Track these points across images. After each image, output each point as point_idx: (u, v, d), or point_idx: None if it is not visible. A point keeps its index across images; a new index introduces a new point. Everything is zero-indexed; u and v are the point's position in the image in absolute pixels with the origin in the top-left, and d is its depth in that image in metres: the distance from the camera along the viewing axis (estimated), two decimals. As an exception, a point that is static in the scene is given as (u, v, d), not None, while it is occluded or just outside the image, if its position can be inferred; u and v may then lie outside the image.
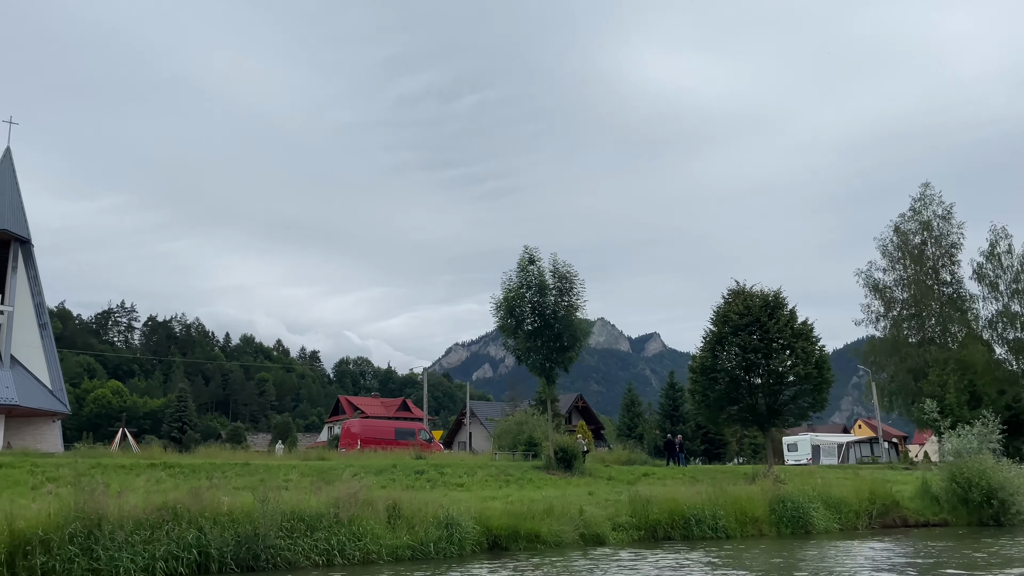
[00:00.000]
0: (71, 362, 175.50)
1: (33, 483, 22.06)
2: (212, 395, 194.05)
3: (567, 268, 34.29)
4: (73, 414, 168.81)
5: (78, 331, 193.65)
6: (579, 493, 24.39)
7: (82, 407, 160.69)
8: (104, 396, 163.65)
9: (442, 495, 22.23)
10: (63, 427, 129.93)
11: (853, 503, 25.15)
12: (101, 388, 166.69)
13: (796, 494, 23.85)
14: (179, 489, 19.24)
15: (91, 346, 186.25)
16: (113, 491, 17.91)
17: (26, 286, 60.56)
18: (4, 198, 61.01)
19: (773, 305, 34.67)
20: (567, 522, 19.14)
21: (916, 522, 26.25)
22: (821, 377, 33.53)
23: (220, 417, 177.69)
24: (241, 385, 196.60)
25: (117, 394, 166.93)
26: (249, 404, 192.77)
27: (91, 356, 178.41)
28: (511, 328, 33.97)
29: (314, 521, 15.83)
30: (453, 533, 17.12)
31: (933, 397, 51.10)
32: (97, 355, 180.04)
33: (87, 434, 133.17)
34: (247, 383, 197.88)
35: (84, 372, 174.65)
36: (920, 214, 59.43)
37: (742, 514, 22.34)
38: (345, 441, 43.52)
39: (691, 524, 21.27)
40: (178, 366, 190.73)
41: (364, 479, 26.41)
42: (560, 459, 32.50)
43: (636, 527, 20.87)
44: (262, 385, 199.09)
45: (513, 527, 18.34)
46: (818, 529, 23.33)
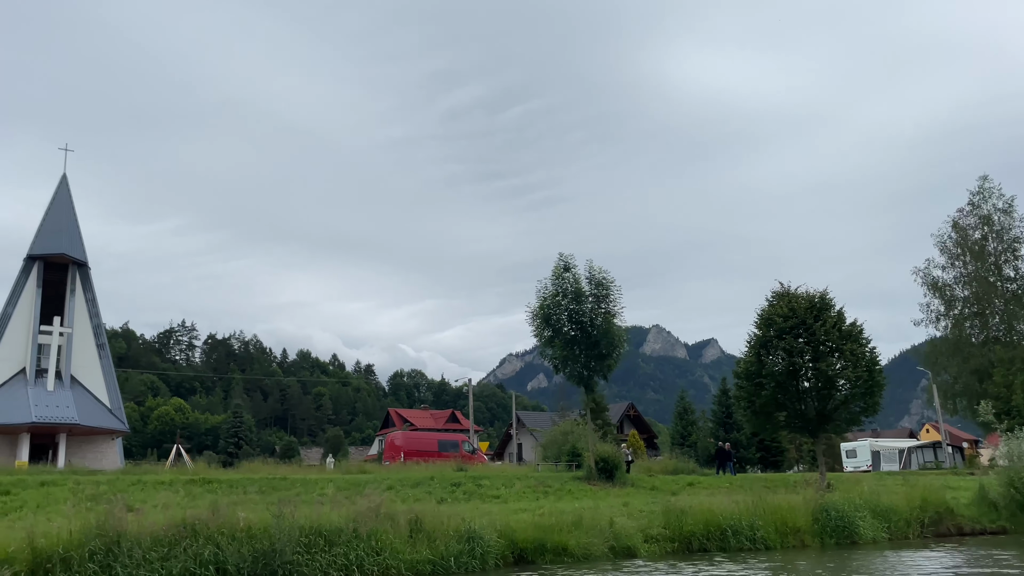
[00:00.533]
0: (135, 381, 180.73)
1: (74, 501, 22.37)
2: (271, 410, 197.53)
3: (603, 274, 33.77)
4: (138, 431, 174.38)
5: (142, 351, 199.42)
6: (615, 504, 23.78)
7: (146, 424, 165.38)
8: (167, 413, 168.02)
9: (474, 507, 21.88)
10: (127, 444, 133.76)
11: (903, 511, 23.94)
12: (164, 406, 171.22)
13: (841, 502, 22.83)
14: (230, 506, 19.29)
15: (154, 365, 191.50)
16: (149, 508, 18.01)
17: (84, 308, 62.32)
18: (62, 223, 63.01)
19: (819, 306, 33.42)
20: (596, 534, 18.58)
21: (972, 530, 24.88)
22: (872, 380, 32.12)
23: (279, 432, 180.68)
24: (298, 400, 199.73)
25: (180, 411, 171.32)
26: (307, 419, 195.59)
27: (154, 375, 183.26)
28: (548, 338, 33.57)
29: (333, 536, 15.62)
30: (475, 547, 16.72)
31: (998, 398, 49.02)
32: (160, 374, 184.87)
33: (151, 451, 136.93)
34: (304, 398, 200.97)
35: (148, 390, 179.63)
36: (979, 208, 57.15)
37: (782, 524, 21.43)
38: (389, 454, 43.52)
39: (727, 535, 20.46)
40: (237, 382, 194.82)
41: (399, 492, 26.31)
42: (601, 469, 31.91)
43: (670, 539, 20.16)
44: (319, 399, 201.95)
45: (540, 540, 17.87)
46: (865, 539, 22.25)
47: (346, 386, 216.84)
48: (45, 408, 55.68)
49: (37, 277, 59.95)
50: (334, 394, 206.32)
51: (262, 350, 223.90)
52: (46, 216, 62.64)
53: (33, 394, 56.59)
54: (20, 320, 59.18)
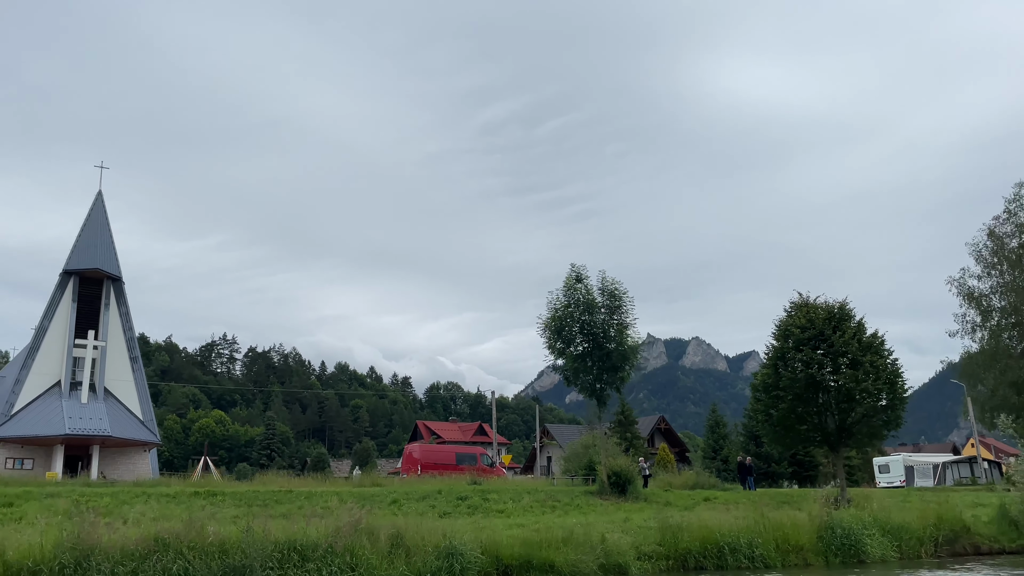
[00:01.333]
0: (177, 393, 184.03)
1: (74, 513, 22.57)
2: (309, 422, 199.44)
3: (615, 285, 33.32)
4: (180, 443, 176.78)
5: (184, 364, 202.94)
6: (616, 520, 23.25)
7: (188, 436, 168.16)
8: (208, 425, 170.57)
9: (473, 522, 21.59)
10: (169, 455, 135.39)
11: (916, 529, 22.96)
12: (205, 418, 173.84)
13: (849, 520, 21.98)
14: (214, 518, 19.27)
15: (196, 378, 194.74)
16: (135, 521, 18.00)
17: (118, 322, 63.50)
18: (97, 239, 64.44)
19: (839, 317, 32.55)
20: (587, 551, 18.09)
21: (990, 549, 23.76)
22: (893, 393, 31.14)
23: (317, 444, 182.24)
24: (336, 412, 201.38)
25: (220, 423, 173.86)
26: (344, 431, 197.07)
27: (196, 388, 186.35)
28: (559, 350, 33.20)
29: (308, 551, 15.40)
30: (454, 563, 16.36)
31: (1037, 412, 47.19)
32: (201, 387, 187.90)
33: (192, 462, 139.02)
34: (342, 410, 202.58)
35: (190, 403, 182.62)
36: (1016, 216, 55.19)
37: (784, 542, 20.68)
38: (406, 466, 43.41)
39: (725, 553, 19.77)
40: (276, 395, 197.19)
41: (403, 505, 26.12)
42: (613, 484, 31.39)
43: (665, 556, 19.55)
44: (356, 412, 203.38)
45: (526, 556, 17.44)
46: (873, 558, 21.36)
47: (383, 399, 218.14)
48: (79, 420, 56.75)
49: (73, 292, 61.30)
50: (371, 407, 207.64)
51: (301, 363, 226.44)
52: (82, 232, 64.14)
53: (67, 406, 57.76)
54: (56, 334, 60.54)
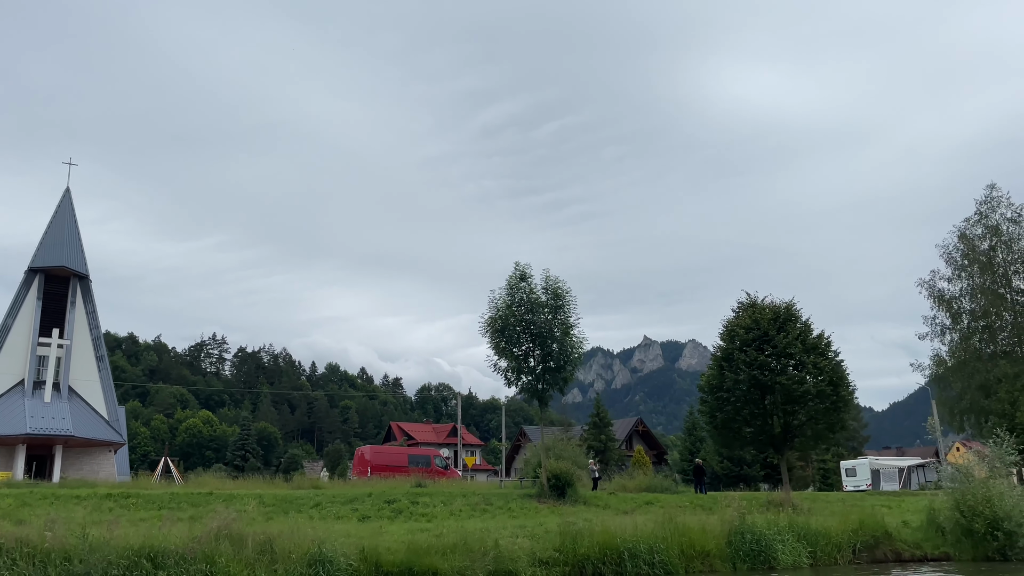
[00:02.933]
0: (165, 393, 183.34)
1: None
2: (298, 423, 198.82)
3: (558, 285, 32.79)
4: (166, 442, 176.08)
5: (173, 363, 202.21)
6: (533, 523, 22.66)
7: (175, 436, 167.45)
8: (195, 426, 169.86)
9: (374, 527, 21.07)
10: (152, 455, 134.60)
11: (835, 534, 22.37)
12: (192, 418, 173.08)
13: (761, 525, 21.40)
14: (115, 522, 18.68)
15: (184, 378, 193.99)
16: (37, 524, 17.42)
17: (84, 320, 62.84)
18: (63, 236, 63.80)
19: (784, 318, 32.01)
20: (478, 557, 17.52)
21: (912, 556, 23.19)
22: (837, 395, 30.56)
23: (306, 444, 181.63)
24: (325, 413, 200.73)
25: (208, 423, 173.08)
26: (333, 432, 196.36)
27: (184, 388, 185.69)
28: (501, 349, 32.62)
29: (161, 558, 14.76)
30: (320, 572, 15.72)
31: (1002, 415, 46.68)
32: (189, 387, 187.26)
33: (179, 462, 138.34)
34: (331, 411, 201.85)
35: (177, 403, 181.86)
36: (987, 218, 54.76)
37: (690, 547, 20.11)
38: (357, 469, 42.88)
39: (624, 559, 19.19)
40: (265, 395, 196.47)
41: (325, 509, 25.56)
42: (553, 486, 30.88)
43: (563, 563, 18.96)
44: (345, 413, 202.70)
45: (408, 563, 16.85)
46: (783, 564, 20.78)
47: (373, 400, 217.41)
48: (41, 420, 56.06)
49: (38, 289, 60.68)
50: (360, 407, 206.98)
51: (291, 363, 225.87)
52: (48, 229, 63.56)
53: (29, 405, 57.08)
54: (20, 332, 59.88)
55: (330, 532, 17.50)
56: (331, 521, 23.49)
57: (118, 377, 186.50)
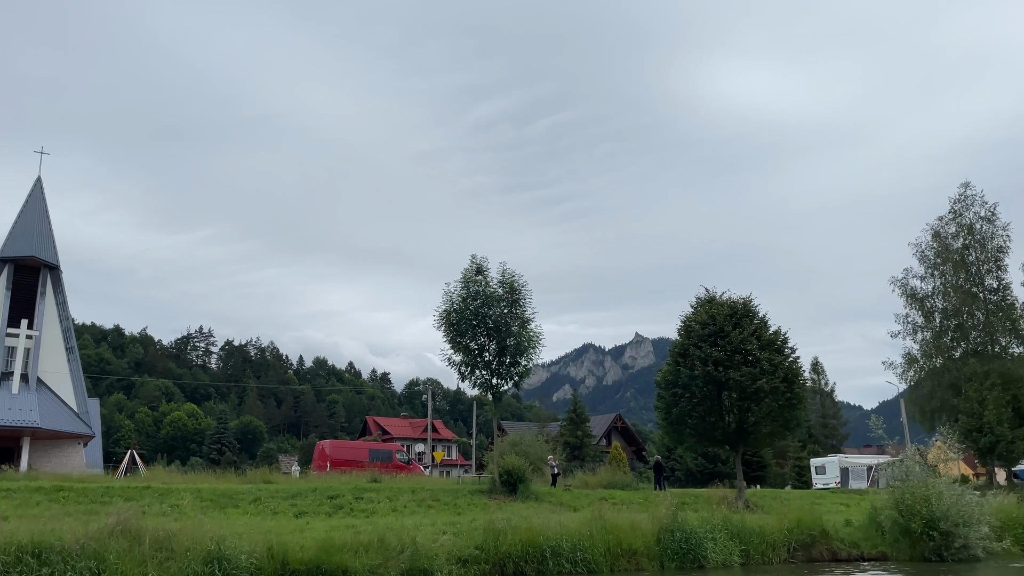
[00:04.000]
0: (150, 386, 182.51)
1: None
2: (284, 417, 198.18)
3: (514, 278, 32.39)
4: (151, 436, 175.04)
5: (159, 356, 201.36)
6: (466, 520, 22.22)
7: (159, 430, 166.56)
8: (180, 419, 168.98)
9: (299, 523, 20.67)
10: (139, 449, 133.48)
11: (771, 533, 22.02)
12: (177, 411, 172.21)
13: (694, 523, 21.04)
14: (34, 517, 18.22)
15: (170, 370, 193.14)
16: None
17: (54, 311, 62.13)
18: (33, 226, 63.04)
19: (741, 314, 31.68)
20: (393, 555, 17.11)
21: (848, 555, 22.88)
22: (791, 392, 30.25)
23: (291, 438, 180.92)
24: (312, 407, 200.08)
25: (193, 417, 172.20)
26: (320, 426, 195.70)
27: (169, 381, 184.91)
28: (456, 343, 32.21)
29: (48, 554, 14.27)
30: (215, 570, 15.24)
31: (971, 415, 46.48)
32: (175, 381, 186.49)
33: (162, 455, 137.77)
34: (318, 405, 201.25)
35: (162, 396, 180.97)
36: (961, 216, 54.56)
37: (617, 545, 19.75)
38: (317, 463, 42.45)
39: (546, 557, 18.83)
40: (252, 389, 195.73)
41: (264, 504, 25.13)
42: (504, 482, 30.51)
43: (483, 560, 18.60)
44: (332, 407, 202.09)
45: (317, 562, 16.41)
46: (713, 563, 20.44)
47: (360, 394, 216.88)
48: (7, 411, 55.39)
49: (7, 280, 59.94)
50: (347, 402, 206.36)
51: (278, 357, 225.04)
52: (18, 219, 62.76)
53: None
54: (-13, 323, 59.11)
55: (243, 528, 17.06)
56: (265, 517, 23.08)
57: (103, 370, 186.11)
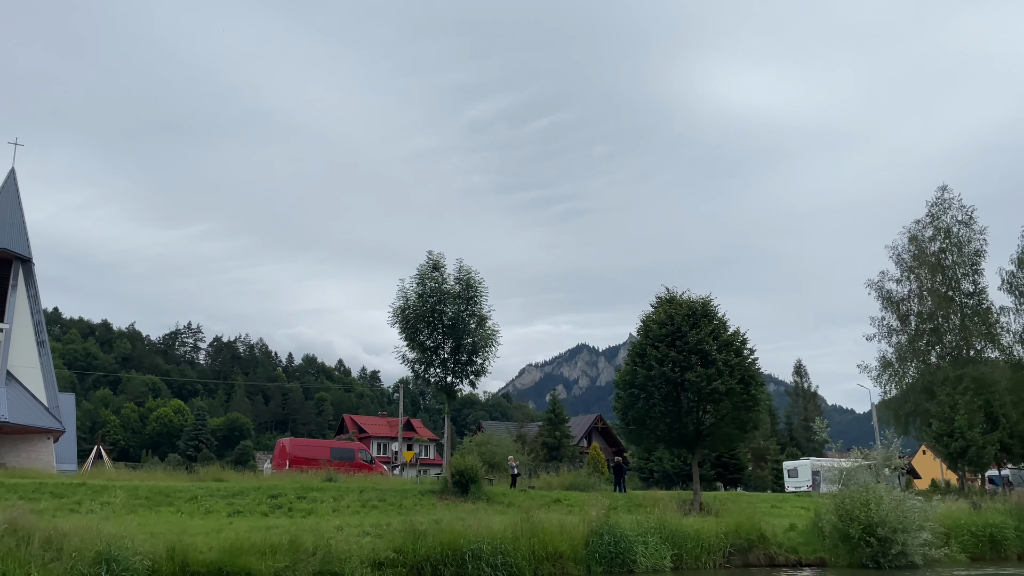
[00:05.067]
0: (137, 381, 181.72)
1: None
2: (272, 414, 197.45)
3: (470, 275, 31.89)
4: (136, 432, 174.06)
5: (146, 352, 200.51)
6: (394, 522, 21.62)
7: (145, 425, 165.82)
8: (166, 415, 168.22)
9: (214, 522, 20.07)
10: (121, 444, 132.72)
11: (706, 537, 21.54)
12: (163, 407, 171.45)
13: (627, 526, 20.55)
14: None
15: (158, 366, 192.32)
16: None
17: (26, 304, 61.42)
18: (5, 217, 62.41)
19: (699, 314, 31.19)
20: (304, 558, 16.60)
21: (786, 561, 22.41)
22: (747, 394, 29.76)
23: (278, 436, 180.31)
24: (300, 404, 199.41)
25: (179, 413, 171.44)
26: (308, 423, 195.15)
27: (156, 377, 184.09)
28: (412, 340, 31.70)
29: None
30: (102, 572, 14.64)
31: (943, 419, 46.10)
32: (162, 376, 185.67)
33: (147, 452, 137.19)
34: (306, 403, 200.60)
35: (149, 391, 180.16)
36: (938, 219, 54.18)
37: (542, 548, 19.25)
38: (277, 461, 41.91)
39: (466, 560, 18.32)
40: (239, 386, 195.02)
41: (201, 503, 24.59)
42: (456, 482, 30.01)
43: (401, 564, 18.08)
44: (320, 405, 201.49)
45: (219, 564, 15.88)
46: (642, 567, 19.96)
47: (349, 392, 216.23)
48: (-26, 405, 54.79)
49: (-23, 272, 59.36)
50: (336, 399, 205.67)
51: (267, 354, 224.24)
52: (-9, 211, 62.16)
53: (-37, 390, 55.76)
54: (-44, 315, 58.50)
55: (162, 528, 16.52)
56: (196, 516, 22.58)
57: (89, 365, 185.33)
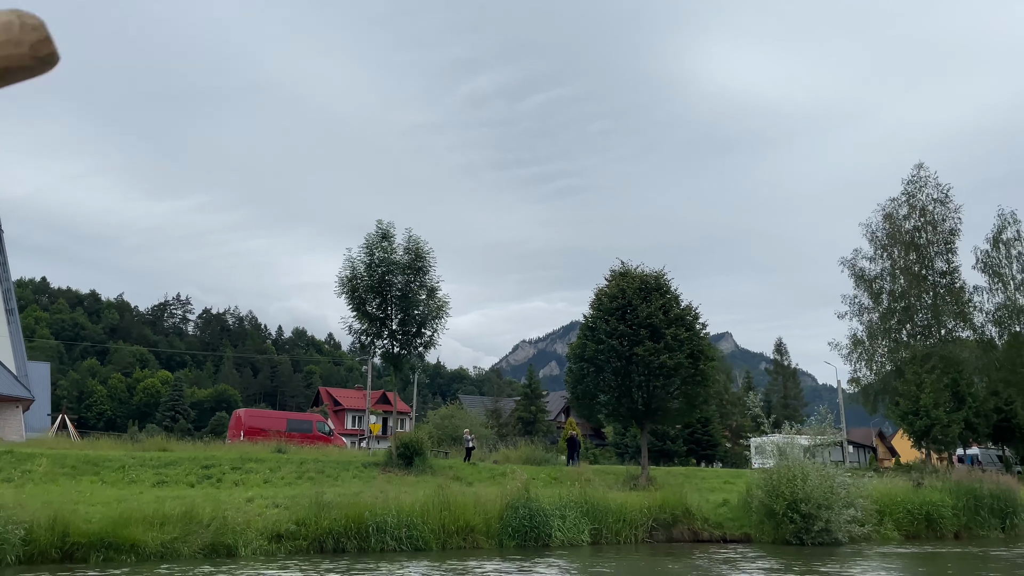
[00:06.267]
0: (125, 352, 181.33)
1: None
2: (260, 387, 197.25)
3: (418, 244, 31.23)
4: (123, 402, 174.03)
5: (135, 323, 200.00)
6: (306, 493, 21.07)
7: (132, 396, 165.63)
8: (153, 386, 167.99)
9: (120, 492, 19.57)
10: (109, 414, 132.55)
11: (630, 512, 21.12)
12: (151, 378, 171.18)
13: (541, 499, 20.11)
14: None
15: (146, 337, 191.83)
16: None
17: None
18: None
19: (652, 288, 30.62)
20: (198, 529, 16.12)
21: (710, 536, 22.04)
22: (696, 369, 29.27)
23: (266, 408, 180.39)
24: (289, 378, 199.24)
25: (167, 384, 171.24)
26: (296, 396, 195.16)
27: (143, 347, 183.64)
28: (360, 311, 31.12)
29: None
30: None
31: (908, 397, 45.80)
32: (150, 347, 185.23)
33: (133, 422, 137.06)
34: (295, 376, 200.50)
35: (137, 362, 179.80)
36: (914, 198, 53.47)
37: (453, 522, 18.80)
38: (232, 432, 41.47)
39: (369, 533, 17.87)
40: (228, 358, 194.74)
41: (127, 472, 24.14)
42: (401, 455, 29.61)
43: (303, 536, 17.62)
44: (309, 378, 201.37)
45: (102, 535, 15.42)
46: (557, 542, 19.54)
47: (339, 365, 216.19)
48: (-61, 373, 54.32)
49: (-56, 240, 58.64)
50: (325, 373, 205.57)
51: (257, 326, 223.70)
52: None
53: (-72, 358, 55.28)
54: (-78, 283, 57.92)
55: (68, 498, 16.03)
56: (120, 487, 22.12)
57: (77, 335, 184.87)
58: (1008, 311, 52.23)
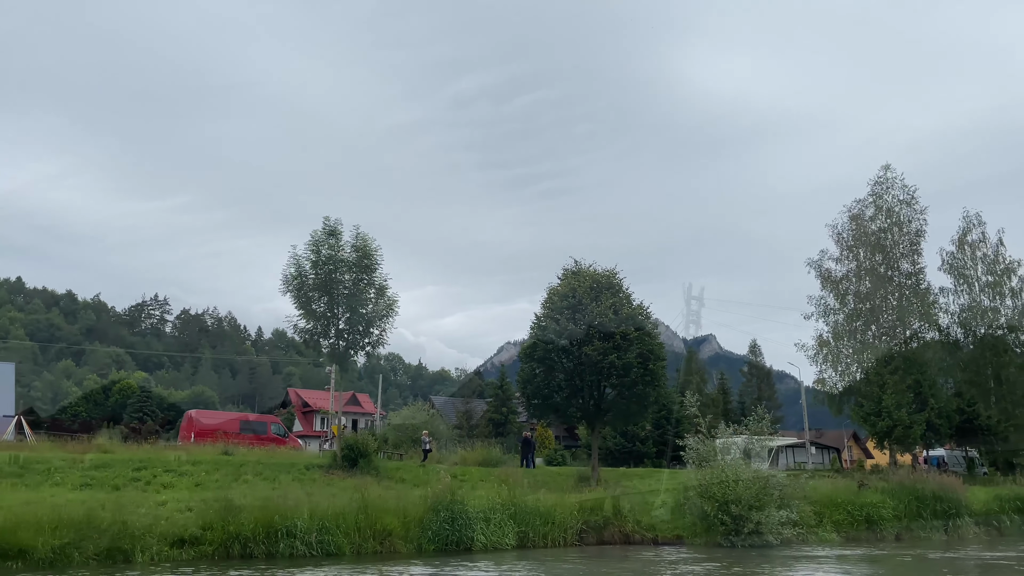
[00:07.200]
0: (100, 353, 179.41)
1: None
2: (239, 388, 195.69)
3: (366, 242, 30.66)
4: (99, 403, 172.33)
5: (111, 323, 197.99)
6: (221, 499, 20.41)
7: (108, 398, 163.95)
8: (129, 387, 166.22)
9: (46, 496, 18.89)
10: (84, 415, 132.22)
11: (561, 514, 20.64)
12: (127, 379, 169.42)
13: (468, 502, 19.59)
14: None
15: (123, 338, 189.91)
16: None
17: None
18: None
19: (603, 287, 30.17)
20: (90, 534, 15.48)
21: (641, 539, 21.61)
22: (645, 370, 28.83)
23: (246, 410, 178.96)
24: (268, 379, 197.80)
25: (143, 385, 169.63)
26: (275, 398, 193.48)
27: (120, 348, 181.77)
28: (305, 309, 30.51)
29: None
30: None
31: (870, 398, 45.66)
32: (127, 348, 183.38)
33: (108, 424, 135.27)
34: (274, 377, 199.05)
35: (113, 363, 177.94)
36: (880, 199, 53.35)
37: (369, 527, 18.24)
38: (183, 433, 40.71)
39: (279, 538, 17.27)
40: (206, 359, 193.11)
41: (55, 475, 23.41)
42: (346, 456, 29.02)
43: (207, 541, 17.00)
44: (289, 380, 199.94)
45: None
46: (480, 546, 19.02)
47: (318, 367, 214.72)
48: None
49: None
50: (304, 375, 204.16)
51: (236, 327, 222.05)
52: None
53: None
54: None
55: None
56: (40, 490, 21.40)
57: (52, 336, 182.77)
58: (973, 313, 52.32)
